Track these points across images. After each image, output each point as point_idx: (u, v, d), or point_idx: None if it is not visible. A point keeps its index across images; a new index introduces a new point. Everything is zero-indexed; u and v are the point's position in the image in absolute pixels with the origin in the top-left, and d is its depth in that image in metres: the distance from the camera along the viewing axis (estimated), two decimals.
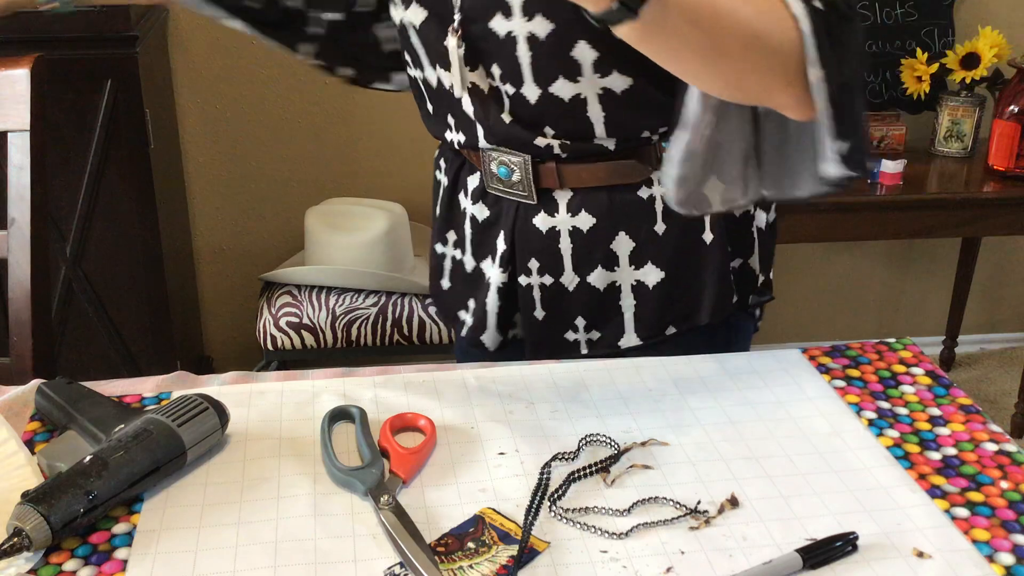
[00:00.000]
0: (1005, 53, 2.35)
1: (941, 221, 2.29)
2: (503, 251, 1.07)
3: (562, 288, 1.06)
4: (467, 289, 1.13)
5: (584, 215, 1.03)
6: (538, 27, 0.93)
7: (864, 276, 2.86)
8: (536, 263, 1.06)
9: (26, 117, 1.18)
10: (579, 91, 0.96)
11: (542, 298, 1.07)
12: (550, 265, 1.05)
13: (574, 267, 1.05)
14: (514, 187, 1.03)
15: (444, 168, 1.14)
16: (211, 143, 2.44)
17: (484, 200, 1.08)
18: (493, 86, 0.99)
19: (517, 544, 0.75)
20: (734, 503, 0.80)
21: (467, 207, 1.10)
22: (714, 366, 1.00)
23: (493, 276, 1.09)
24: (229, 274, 2.57)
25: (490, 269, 1.09)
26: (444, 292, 1.17)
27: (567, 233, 1.04)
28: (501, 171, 1.03)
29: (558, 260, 1.05)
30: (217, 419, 0.84)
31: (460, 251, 1.13)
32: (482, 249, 1.10)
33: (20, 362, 1.19)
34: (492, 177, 1.05)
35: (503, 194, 1.05)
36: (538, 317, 1.08)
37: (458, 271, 1.14)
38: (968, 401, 0.95)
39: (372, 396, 0.94)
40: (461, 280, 1.14)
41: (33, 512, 0.71)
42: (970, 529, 0.77)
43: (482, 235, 1.09)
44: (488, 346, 1.12)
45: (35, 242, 1.19)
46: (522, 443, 0.87)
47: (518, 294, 1.08)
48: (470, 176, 1.09)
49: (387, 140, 2.48)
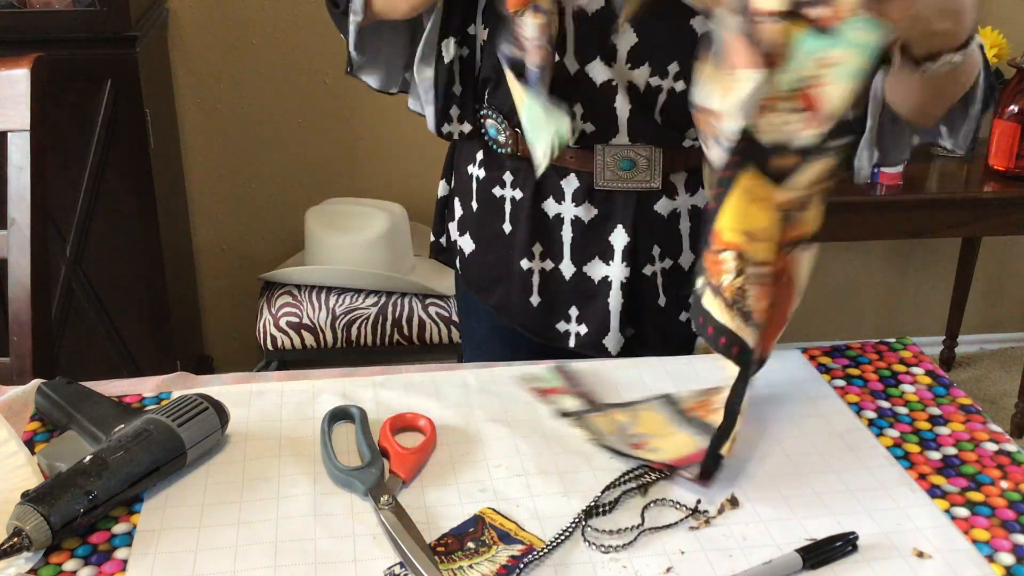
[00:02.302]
0: (1005, 53, 2.35)
1: (941, 221, 2.29)
2: (625, 244, 1.06)
3: (682, 270, 1.08)
4: (568, 298, 1.11)
5: (701, 193, 1.06)
6: None
7: (864, 276, 2.86)
8: (658, 249, 1.07)
9: (26, 117, 1.18)
10: None
11: (664, 285, 1.07)
12: (672, 249, 1.07)
13: (692, 245, 1.08)
14: (636, 177, 1.04)
15: (512, 183, 1.11)
16: (211, 143, 2.44)
17: (591, 199, 1.06)
18: (653, 85, 1.00)
19: (517, 544, 0.75)
20: (734, 503, 0.80)
21: (564, 212, 1.08)
22: (714, 366, 1.00)
23: (613, 274, 1.08)
24: (229, 274, 2.57)
25: (604, 269, 1.08)
26: (534, 309, 1.13)
27: (686, 213, 1.06)
28: (623, 164, 1.03)
29: (678, 242, 1.08)
30: (217, 419, 0.84)
31: (552, 261, 1.11)
32: (587, 252, 1.09)
33: (20, 362, 1.19)
34: (608, 172, 1.04)
35: (619, 188, 1.05)
36: (661, 305, 1.09)
37: (552, 282, 1.11)
38: (968, 401, 0.95)
39: (372, 396, 0.94)
40: (558, 291, 1.11)
41: (33, 512, 0.71)
42: (970, 529, 0.77)
43: (588, 237, 1.08)
44: (611, 350, 1.10)
45: (35, 242, 1.18)
46: (522, 443, 0.87)
47: (641, 286, 1.08)
48: (563, 180, 1.07)
49: (387, 140, 2.48)
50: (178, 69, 2.36)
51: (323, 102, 2.43)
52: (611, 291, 1.08)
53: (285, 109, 2.43)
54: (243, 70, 2.38)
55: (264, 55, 2.37)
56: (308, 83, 2.41)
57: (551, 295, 1.12)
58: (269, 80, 2.40)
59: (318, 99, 2.43)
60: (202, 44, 2.35)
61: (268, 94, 2.41)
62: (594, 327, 1.10)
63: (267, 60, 2.38)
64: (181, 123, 2.41)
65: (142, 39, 2.01)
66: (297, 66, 2.39)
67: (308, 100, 2.43)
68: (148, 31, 2.08)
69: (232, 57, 2.36)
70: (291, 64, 2.38)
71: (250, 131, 2.44)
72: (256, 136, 2.45)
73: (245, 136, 2.44)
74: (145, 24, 2.06)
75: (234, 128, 2.43)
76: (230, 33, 2.35)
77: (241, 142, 2.45)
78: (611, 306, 1.09)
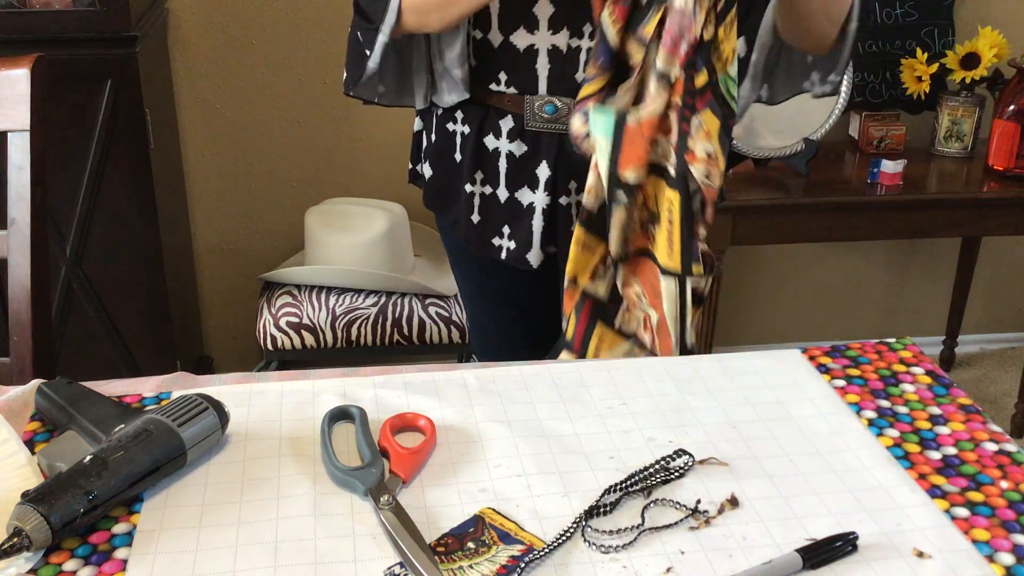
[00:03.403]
0: (1005, 53, 2.35)
1: (941, 221, 2.29)
2: (547, 177, 1.27)
3: None
4: (501, 218, 1.32)
5: None
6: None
7: (864, 276, 2.86)
8: (575, 184, 1.27)
9: (26, 117, 1.18)
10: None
11: (576, 213, 1.26)
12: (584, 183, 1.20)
13: None
14: (559, 120, 1.24)
15: (462, 119, 1.32)
16: (211, 143, 2.44)
17: (522, 138, 1.27)
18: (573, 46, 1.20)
19: (517, 544, 0.75)
20: (734, 503, 0.80)
21: (500, 147, 1.28)
22: (714, 366, 1.00)
23: (537, 200, 1.28)
24: (229, 274, 2.57)
25: (530, 196, 1.29)
26: (475, 225, 1.34)
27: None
28: (548, 109, 1.24)
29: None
30: (217, 419, 0.84)
31: (490, 187, 1.31)
32: (518, 180, 1.29)
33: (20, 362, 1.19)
34: (536, 117, 1.25)
35: (545, 129, 1.25)
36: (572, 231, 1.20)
37: (490, 204, 1.32)
38: (968, 401, 0.95)
39: (372, 396, 0.94)
40: (495, 211, 1.32)
41: (33, 512, 0.71)
42: (970, 529, 0.77)
43: (518, 168, 1.28)
44: (532, 263, 1.31)
45: (35, 242, 1.18)
46: (522, 443, 0.87)
47: (558, 214, 1.29)
48: (500, 120, 1.28)
49: (387, 140, 2.48)
50: (178, 69, 2.36)
51: (323, 102, 2.43)
52: (535, 215, 1.29)
53: (285, 109, 2.43)
54: (243, 70, 2.38)
55: (264, 55, 2.37)
56: (308, 83, 2.41)
57: (487, 215, 1.33)
58: (269, 80, 2.40)
59: (318, 99, 2.43)
60: (202, 44, 2.35)
61: (268, 94, 2.41)
62: (520, 244, 1.31)
63: (267, 60, 2.38)
64: (181, 123, 2.41)
65: (142, 39, 2.01)
66: (297, 66, 2.39)
67: (308, 100, 2.43)
68: (148, 31, 2.08)
69: (232, 57, 2.37)
70: (291, 64, 2.38)
71: (250, 131, 2.44)
72: (256, 136, 2.45)
73: (245, 136, 2.44)
74: (145, 24, 2.06)
75: (234, 128, 2.43)
76: (230, 33, 2.35)
77: (241, 142, 2.45)
78: (534, 227, 1.30)
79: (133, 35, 1.96)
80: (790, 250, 2.76)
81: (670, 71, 1.05)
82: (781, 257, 2.79)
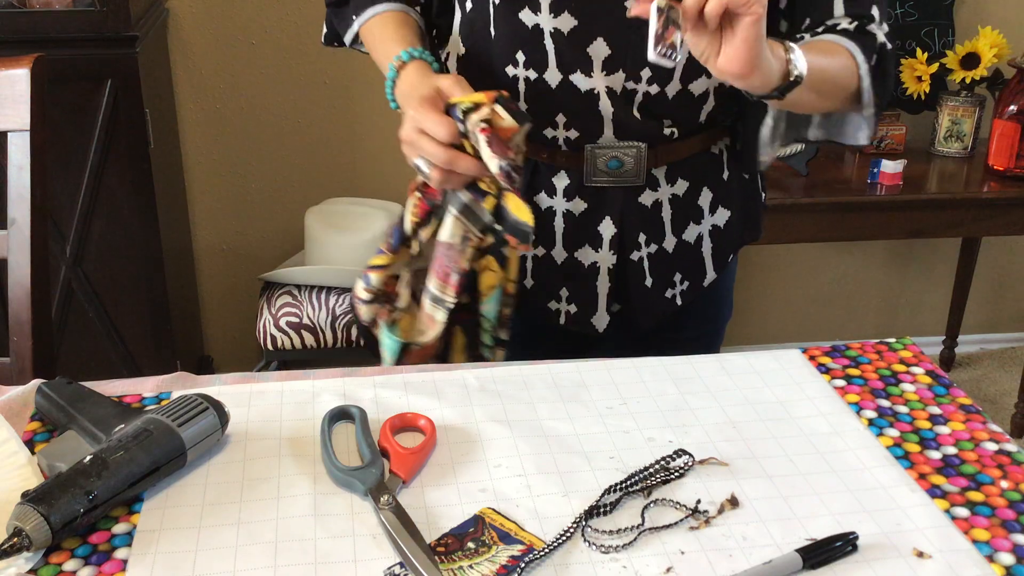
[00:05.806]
0: (1005, 53, 2.35)
1: (941, 221, 2.29)
2: (612, 234, 1.15)
3: (666, 253, 1.17)
4: (559, 281, 1.18)
5: (680, 182, 1.15)
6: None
7: (864, 276, 2.86)
8: (644, 236, 1.16)
9: (26, 117, 1.18)
10: (708, 85, 1.09)
11: (650, 267, 1.17)
12: (656, 234, 1.16)
13: (673, 230, 1.16)
14: (624, 175, 1.12)
15: None
16: (211, 143, 2.44)
17: (581, 195, 1.14)
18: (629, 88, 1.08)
19: (517, 544, 0.75)
20: (734, 503, 0.80)
21: (556, 205, 1.15)
22: (714, 366, 1.00)
23: (601, 260, 1.16)
24: (229, 274, 2.57)
25: (593, 255, 1.16)
26: (527, 291, 1.20)
27: (667, 202, 1.15)
28: (612, 164, 1.11)
29: (661, 228, 1.16)
30: (217, 419, 0.84)
31: (544, 248, 1.18)
32: (577, 239, 1.16)
33: (20, 362, 1.19)
34: (597, 171, 1.12)
35: (608, 184, 1.13)
36: (648, 285, 1.17)
37: (545, 267, 1.19)
38: (968, 401, 0.95)
39: (372, 396, 0.94)
40: (550, 274, 1.19)
41: (33, 512, 0.71)
42: (970, 529, 0.77)
43: (578, 227, 1.16)
44: (598, 327, 1.19)
45: (35, 242, 1.18)
46: (522, 443, 0.87)
47: (628, 271, 1.16)
48: (554, 177, 1.14)
49: (387, 140, 2.48)
50: (178, 69, 2.36)
51: (323, 102, 2.43)
52: (599, 276, 1.17)
53: (285, 109, 2.43)
54: (243, 70, 2.38)
55: (264, 55, 2.37)
56: (308, 83, 2.41)
57: (541, 278, 1.20)
58: (269, 80, 2.40)
59: (318, 99, 2.43)
60: (202, 44, 2.35)
61: (268, 94, 2.41)
62: (583, 306, 1.19)
63: (267, 60, 2.38)
64: (181, 123, 2.41)
65: (142, 39, 2.01)
66: (297, 66, 2.39)
67: (308, 100, 2.43)
68: (148, 31, 2.08)
69: (232, 57, 2.37)
70: (291, 64, 2.38)
71: (250, 131, 2.44)
72: (256, 136, 2.45)
73: (245, 136, 2.44)
74: (145, 24, 2.06)
75: (234, 128, 2.43)
76: (230, 33, 2.35)
77: (241, 142, 2.45)
78: (599, 289, 1.17)
79: (133, 35, 1.96)
80: (790, 250, 2.76)
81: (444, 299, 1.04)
82: (781, 257, 2.79)
